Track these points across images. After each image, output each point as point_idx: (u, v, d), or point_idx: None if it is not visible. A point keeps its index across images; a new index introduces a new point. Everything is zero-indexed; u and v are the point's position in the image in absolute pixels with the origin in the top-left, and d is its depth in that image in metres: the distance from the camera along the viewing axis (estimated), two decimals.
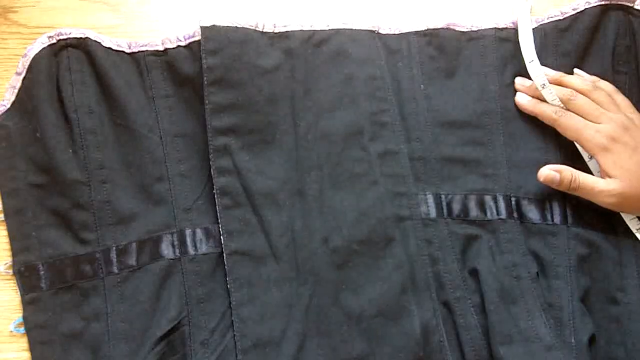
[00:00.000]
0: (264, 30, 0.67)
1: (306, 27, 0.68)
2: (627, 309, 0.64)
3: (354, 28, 0.68)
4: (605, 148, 0.63)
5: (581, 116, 0.64)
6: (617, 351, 0.63)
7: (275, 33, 0.67)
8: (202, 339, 0.62)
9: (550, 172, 0.64)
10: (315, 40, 0.67)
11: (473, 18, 0.70)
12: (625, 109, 0.65)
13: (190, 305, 0.62)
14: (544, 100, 0.66)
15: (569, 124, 0.64)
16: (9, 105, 0.65)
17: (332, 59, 0.67)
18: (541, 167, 0.65)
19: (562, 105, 0.65)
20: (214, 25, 0.65)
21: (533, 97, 0.67)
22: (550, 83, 0.66)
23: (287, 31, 0.67)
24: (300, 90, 0.66)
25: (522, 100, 0.67)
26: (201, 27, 0.65)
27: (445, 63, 0.69)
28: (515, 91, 0.68)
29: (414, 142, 0.67)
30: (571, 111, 0.65)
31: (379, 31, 0.69)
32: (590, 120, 0.64)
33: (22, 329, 0.62)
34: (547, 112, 0.65)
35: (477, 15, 0.71)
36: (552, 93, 0.65)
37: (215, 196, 0.64)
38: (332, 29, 0.68)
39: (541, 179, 0.64)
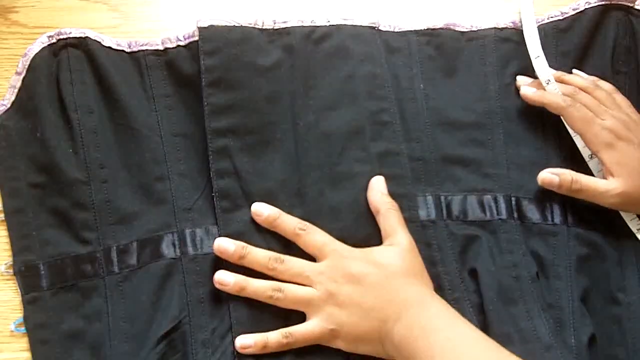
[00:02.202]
0: (264, 27, 0.67)
1: (306, 23, 0.67)
2: (628, 309, 0.64)
3: (354, 24, 0.68)
4: (609, 145, 0.62)
5: None
6: (617, 351, 0.63)
7: (275, 29, 0.67)
8: (203, 338, 0.62)
9: (549, 175, 0.64)
10: (315, 37, 0.67)
11: (473, 18, 0.70)
12: (625, 108, 0.64)
13: (191, 305, 0.62)
14: None
15: (578, 115, 0.63)
16: (9, 105, 0.65)
17: (333, 56, 0.67)
18: (542, 167, 0.65)
19: None
20: (211, 26, 0.65)
21: None
22: None
23: (287, 27, 0.67)
24: (300, 88, 0.66)
25: (528, 91, 0.66)
26: (199, 28, 0.65)
27: (445, 63, 0.69)
28: (516, 90, 0.68)
29: (414, 143, 0.67)
30: None
31: (379, 28, 0.69)
32: None
33: (22, 328, 0.62)
34: (555, 100, 0.64)
35: (477, 15, 0.71)
36: (556, 89, 0.65)
37: (215, 199, 0.63)
38: (333, 25, 0.67)
39: (540, 182, 0.64)
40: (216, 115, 0.64)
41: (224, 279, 0.60)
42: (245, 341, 0.59)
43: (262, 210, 0.61)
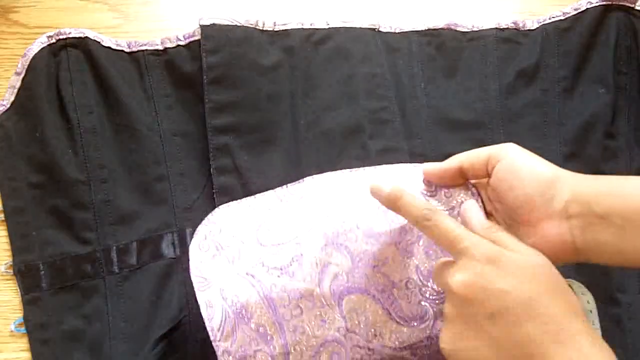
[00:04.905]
0: (264, 29, 0.67)
1: (306, 26, 0.68)
2: (627, 309, 0.64)
3: (354, 26, 0.68)
4: None
5: None
6: (617, 352, 0.63)
7: (276, 31, 0.67)
8: (202, 337, 0.62)
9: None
10: (315, 39, 0.67)
11: (474, 18, 0.70)
12: None
13: (190, 305, 0.63)
14: None
15: None
16: (8, 105, 0.65)
17: (332, 57, 0.67)
18: None
19: None
20: (213, 24, 0.65)
21: None
22: None
23: (287, 29, 0.67)
24: (300, 89, 0.66)
25: None
26: (201, 26, 0.65)
27: (446, 63, 0.69)
28: (516, 90, 0.68)
29: (415, 140, 0.67)
30: None
31: (380, 29, 0.69)
32: None
33: (22, 328, 0.62)
34: None
35: (478, 15, 0.71)
36: None
37: (215, 195, 0.64)
38: (332, 28, 0.68)
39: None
40: (217, 113, 0.64)
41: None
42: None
43: (382, 188, 0.51)
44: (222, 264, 0.56)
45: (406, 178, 0.56)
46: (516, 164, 0.49)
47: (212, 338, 0.54)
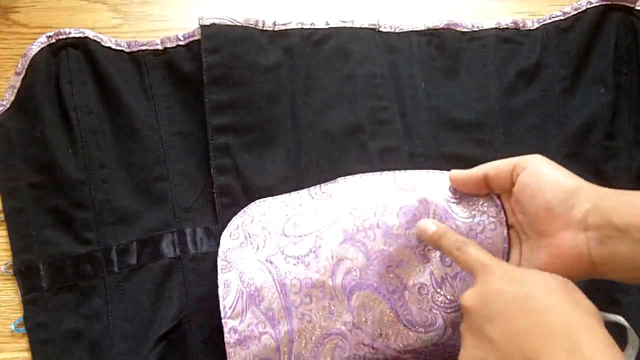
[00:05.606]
0: (264, 29, 0.67)
1: (306, 26, 0.68)
2: (628, 309, 0.64)
3: (354, 26, 0.68)
4: None
5: None
6: None
7: (275, 31, 0.67)
8: (202, 337, 0.62)
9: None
10: (315, 39, 0.67)
11: (474, 18, 0.70)
12: None
13: (190, 304, 0.63)
14: None
15: None
16: (8, 105, 0.65)
17: (332, 57, 0.67)
18: None
19: None
20: (213, 24, 0.65)
21: None
22: None
23: (287, 29, 0.67)
24: (300, 88, 0.66)
25: None
26: (201, 26, 0.65)
27: (446, 63, 0.68)
28: (516, 90, 0.68)
29: (415, 139, 0.67)
30: None
31: (380, 29, 0.69)
32: None
33: (22, 328, 0.62)
34: None
35: (478, 15, 0.70)
36: None
37: (215, 195, 0.64)
38: (332, 27, 0.68)
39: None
40: (217, 113, 0.64)
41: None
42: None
43: (429, 227, 0.54)
44: (247, 251, 0.58)
45: (432, 183, 0.57)
46: (540, 172, 0.50)
47: (222, 315, 0.56)
